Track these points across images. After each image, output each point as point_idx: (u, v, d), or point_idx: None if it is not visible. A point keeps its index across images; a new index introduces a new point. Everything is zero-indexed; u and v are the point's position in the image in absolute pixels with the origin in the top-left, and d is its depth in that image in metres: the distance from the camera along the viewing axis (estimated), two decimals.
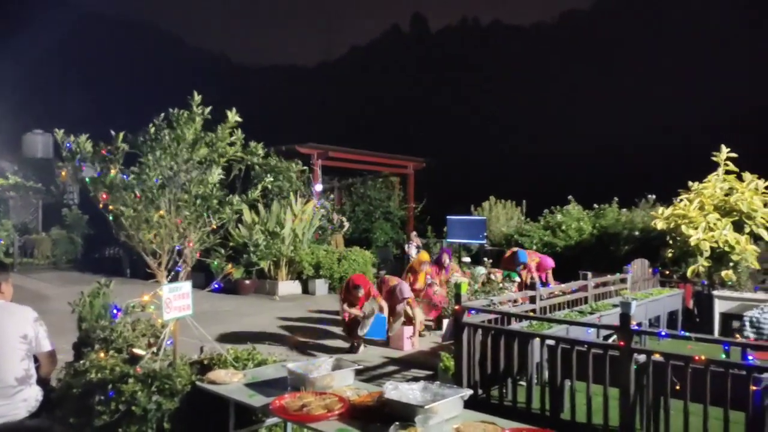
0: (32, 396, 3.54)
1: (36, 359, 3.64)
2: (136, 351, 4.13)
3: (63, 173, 4.02)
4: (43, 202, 20.38)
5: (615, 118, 62.16)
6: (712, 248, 8.71)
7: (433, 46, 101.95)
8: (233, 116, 4.20)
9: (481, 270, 9.41)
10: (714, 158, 9.45)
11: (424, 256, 9.28)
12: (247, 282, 12.83)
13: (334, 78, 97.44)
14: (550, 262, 10.17)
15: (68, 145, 3.90)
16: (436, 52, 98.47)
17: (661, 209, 9.70)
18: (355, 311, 7.47)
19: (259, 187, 4.48)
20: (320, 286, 13.02)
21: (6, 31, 66.60)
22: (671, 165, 32.69)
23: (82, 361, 4.12)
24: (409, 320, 7.93)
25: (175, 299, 3.70)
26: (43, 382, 3.72)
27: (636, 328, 4.28)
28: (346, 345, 7.77)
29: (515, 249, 10.51)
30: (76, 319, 5.25)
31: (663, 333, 4.44)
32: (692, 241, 8.70)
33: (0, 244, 16.18)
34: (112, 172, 3.83)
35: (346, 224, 16.21)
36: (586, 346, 4.50)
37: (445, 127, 72.20)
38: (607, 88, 69.82)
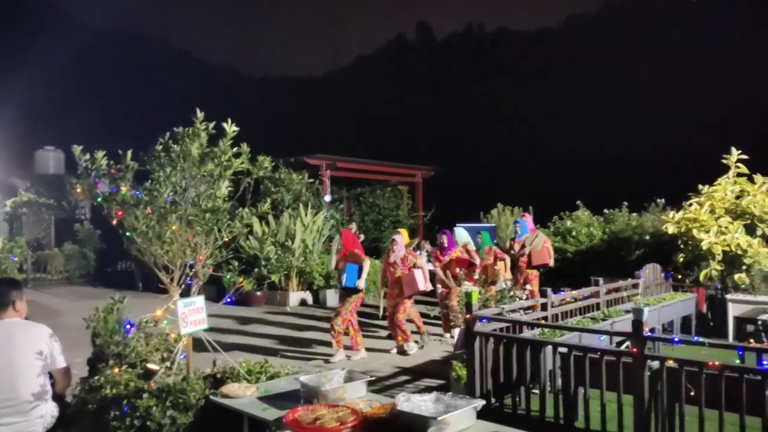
0: (48, 412, 3.57)
1: (51, 375, 3.67)
2: (150, 366, 4.15)
3: (78, 189, 4.06)
4: (56, 218, 20.52)
5: (619, 122, 61.85)
6: (724, 252, 8.65)
7: (438, 54, 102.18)
8: (230, 128, 4.24)
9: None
10: (724, 161, 9.40)
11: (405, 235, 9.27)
12: (258, 293, 12.86)
13: (340, 87, 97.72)
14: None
15: (84, 162, 3.95)
16: (441, 60, 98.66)
17: (671, 213, 9.65)
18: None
19: (269, 200, 4.52)
20: (330, 296, 13.02)
21: (17, 50, 67.50)
22: (678, 169, 32.45)
23: (96, 377, 4.15)
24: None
25: (191, 314, 3.73)
26: (58, 398, 3.74)
27: (649, 334, 4.27)
28: (350, 353, 7.95)
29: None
30: (90, 335, 5.30)
31: (676, 339, 4.42)
32: (704, 245, 8.65)
33: (14, 261, 16.32)
34: (123, 189, 3.88)
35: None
36: (598, 353, 4.48)
37: (453, 134, 72.13)
38: (612, 92, 69.51)
